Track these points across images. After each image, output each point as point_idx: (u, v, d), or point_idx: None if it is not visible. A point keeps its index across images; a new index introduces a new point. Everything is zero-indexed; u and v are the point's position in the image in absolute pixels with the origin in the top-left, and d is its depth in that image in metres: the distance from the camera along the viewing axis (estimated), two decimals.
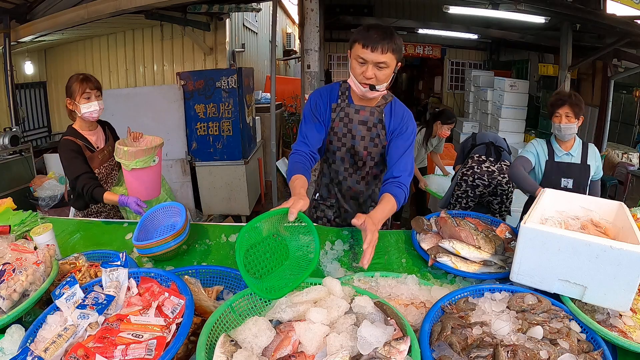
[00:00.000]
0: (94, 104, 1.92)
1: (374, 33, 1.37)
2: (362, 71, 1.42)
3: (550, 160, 2.14)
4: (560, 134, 2.10)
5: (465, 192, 2.94)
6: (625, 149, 5.65)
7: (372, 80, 1.43)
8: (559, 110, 2.07)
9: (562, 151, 2.14)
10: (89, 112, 1.93)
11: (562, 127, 2.06)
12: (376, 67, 1.41)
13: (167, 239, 1.38)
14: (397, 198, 1.44)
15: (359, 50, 1.40)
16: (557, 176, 2.13)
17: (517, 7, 4.61)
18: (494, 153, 2.90)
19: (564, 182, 2.11)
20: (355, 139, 1.64)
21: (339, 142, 1.67)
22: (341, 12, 7.16)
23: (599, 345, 0.93)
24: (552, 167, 2.13)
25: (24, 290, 1.04)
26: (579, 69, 5.94)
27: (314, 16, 3.44)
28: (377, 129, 1.62)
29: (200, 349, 0.80)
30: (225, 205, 4.75)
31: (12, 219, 1.78)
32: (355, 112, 1.61)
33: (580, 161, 2.13)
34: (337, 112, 1.63)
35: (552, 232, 1.06)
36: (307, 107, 1.66)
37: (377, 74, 1.42)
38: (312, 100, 1.64)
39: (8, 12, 4.32)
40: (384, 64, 1.40)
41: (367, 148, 1.65)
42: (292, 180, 1.42)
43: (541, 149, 2.16)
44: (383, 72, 1.42)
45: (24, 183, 4.15)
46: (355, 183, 1.76)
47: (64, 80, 1.98)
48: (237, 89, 4.34)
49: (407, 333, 0.87)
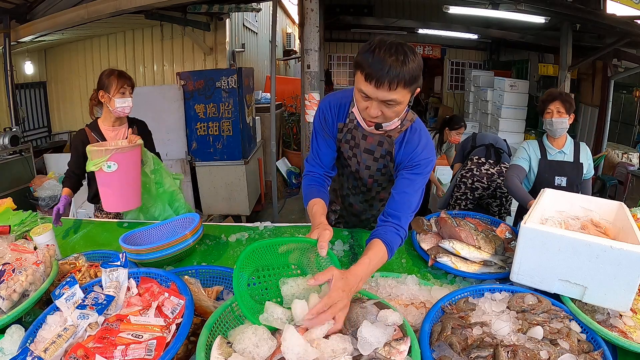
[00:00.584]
0: (128, 99, 1.96)
1: (380, 60, 1.02)
2: (366, 107, 1.13)
3: (543, 159, 2.13)
4: (552, 130, 2.08)
5: (464, 194, 2.94)
6: (625, 149, 5.65)
7: (378, 119, 1.15)
8: (550, 106, 2.06)
9: (554, 149, 2.13)
10: (122, 107, 1.96)
11: (554, 121, 2.05)
12: (383, 104, 1.10)
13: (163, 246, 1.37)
14: (391, 247, 1.14)
15: (360, 83, 1.08)
16: (550, 174, 2.12)
17: (517, 7, 4.61)
18: (494, 155, 2.89)
19: (558, 180, 2.11)
20: (360, 165, 1.43)
21: (344, 162, 1.50)
22: (341, 12, 7.16)
23: (599, 345, 0.93)
24: (545, 166, 2.13)
25: (23, 290, 1.04)
26: (579, 69, 5.93)
27: (314, 16, 3.44)
28: (385, 160, 1.37)
29: (200, 349, 0.80)
30: (225, 205, 4.75)
31: (12, 219, 1.78)
32: (362, 137, 1.36)
33: (573, 159, 2.12)
34: (343, 133, 1.39)
35: (552, 232, 1.06)
36: (317, 119, 1.42)
37: (385, 112, 1.12)
38: (322, 112, 1.39)
39: (8, 12, 4.32)
40: (393, 102, 1.08)
41: (372, 177, 1.46)
42: (311, 206, 1.24)
43: (532, 150, 2.16)
44: (393, 108, 1.11)
45: (24, 183, 4.15)
46: (359, 202, 1.63)
47: (64, 80, 1.99)
48: (237, 89, 4.34)
49: (407, 333, 0.87)
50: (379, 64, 1.02)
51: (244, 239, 1.63)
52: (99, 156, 1.63)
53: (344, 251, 1.50)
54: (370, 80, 1.05)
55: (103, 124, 2.07)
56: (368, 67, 1.04)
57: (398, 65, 1.01)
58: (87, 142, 2.02)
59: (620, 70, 5.60)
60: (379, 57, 1.02)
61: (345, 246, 1.53)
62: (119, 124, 2.08)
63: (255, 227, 1.74)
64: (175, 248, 1.37)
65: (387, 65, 1.01)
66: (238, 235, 1.64)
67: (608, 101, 5.68)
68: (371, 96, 1.08)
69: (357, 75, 1.10)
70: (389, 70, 1.01)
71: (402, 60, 1.02)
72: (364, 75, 1.05)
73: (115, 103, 1.93)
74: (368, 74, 1.04)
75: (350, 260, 1.44)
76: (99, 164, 1.62)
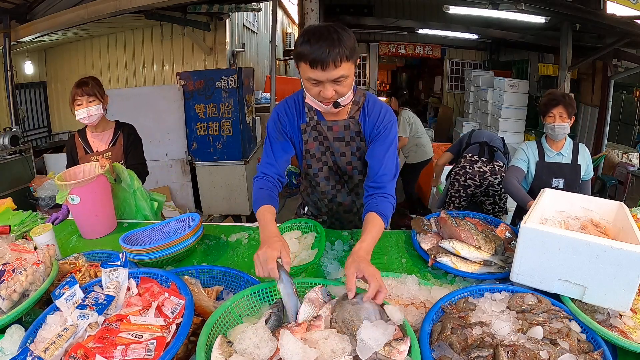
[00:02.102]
0: (83, 110, 1.94)
1: (318, 46, 1.11)
2: (319, 91, 1.20)
3: (541, 161, 2.12)
4: (554, 134, 2.08)
5: (458, 191, 2.96)
6: (625, 149, 5.66)
7: (333, 98, 1.22)
8: (553, 111, 2.06)
9: (552, 151, 2.13)
10: (80, 118, 1.96)
11: (556, 127, 2.05)
12: (334, 83, 1.18)
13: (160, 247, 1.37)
14: (385, 215, 1.23)
15: (307, 71, 1.16)
16: (548, 177, 2.11)
17: (517, 7, 4.61)
18: (487, 153, 2.90)
19: (555, 182, 2.10)
20: (335, 155, 1.48)
21: (318, 163, 1.51)
22: (341, 12, 7.16)
23: (599, 345, 0.93)
24: (543, 168, 2.12)
25: (23, 290, 1.04)
26: (579, 69, 5.94)
27: (314, 16, 3.44)
28: (356, 141, 1.44)
29: (200, 349, 0.80)
30: (225, 205, 4.76)
31: (12, 219, 1.78)
32: (328, 129, 1.42)
33: (571, 161, 2.12)
34: (308, 133, 1.43)
35: (552, 232, 1.06)
36: (270, 123, 1.44)
37: (338, 89, 1.20)
38: (277, 116, 1.42)
39: (8, 12, 4.32)
40: (342, 77, 1.17)
41: (350, 163, 1.50)
42: (262, 213, 1.24)
43: (531, 152, 2.15)
44: (343, 84, 1.19)
45: (24, 183, 4.14)
46: (346, 196, 1.64)
47: (64, 80, 2.01)
48: (237, 89, 4.35)
49: (407, 333, 0.87)
50: (319, 49, 1.11)
51: (244, 239, 1.63)
52: (62, 189, 1.63)
53: (344, 251, 1.50)
54: (315, 66, 1.13)
55: (88, 130, 2.08)
56: (310, 54, 1.12)
57: (335, 44, 1.11)
58: (75, 148, 2.05)
59: (620, 70, 5.60)
60: (316, 43, 1.11)
61: (345, 246, 1.53)
62: (101, 129, 2.08)
63: (255, 227, 1.73)
64: (175, 248, 1.37)
65: (326, 47, 1.10)
66: (238, 235, 1.64)
67: (608, 101, 5.69)
68: (321, 79, 1.16)
69: (301, 66, 1.18)
70: (329, 52, 1.10)
71: (336, 39, 1.12)
72: (309, 63, 1.13)
73: (76, 115, 1.96)
74: (312, 60, 1.12)
75: None
76: (64, 197, 1.63)
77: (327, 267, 1.37)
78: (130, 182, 1.91)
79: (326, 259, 1.43)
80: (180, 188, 4.69)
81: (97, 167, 1.80)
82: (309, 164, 1.52)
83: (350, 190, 1.63)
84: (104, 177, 1.76)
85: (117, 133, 2.10)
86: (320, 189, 1.61)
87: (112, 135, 2.10)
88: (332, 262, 1.40)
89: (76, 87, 1.94)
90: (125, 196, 1.94)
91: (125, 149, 2.09)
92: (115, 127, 2.12)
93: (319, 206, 1.71)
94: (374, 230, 1.18)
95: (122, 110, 3.90)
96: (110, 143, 2.09)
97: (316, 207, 1.73)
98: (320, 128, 1.42)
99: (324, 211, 1.72)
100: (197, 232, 1.46)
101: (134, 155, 2.10)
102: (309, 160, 1.51)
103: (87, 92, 1.94)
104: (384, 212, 1.23)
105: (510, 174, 2.11)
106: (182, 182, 4.66)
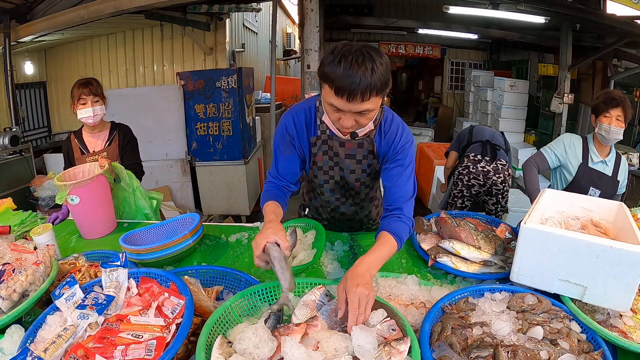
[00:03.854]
0: (88, 110, 1.95)
1: (349, 73, 0.97)
2: (338, 118, 1.10)
3: (584, 165, 1.93)
4: (607, 137, 1.90)
5: (461, 191, 2.94)
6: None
7: (352, 129, 1.13)
8: (611, 111, 1.87)
9: (598, 157, 1.94)
10: (84, 117, 1.98)
11: (612, 130, 1.87)
12: (357, 114, 1.07)
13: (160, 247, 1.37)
14: (398, 235, 1.15)
15: (330, 97, 1.03)
16: (587, 183, 1.94)
17: (517, 7, 4.62)
18: (490, 152, 2.89)
19: (592, 192, 1.93)
20: (345, 172, 1.41)
21: (325, 176, 1.45)
22: (341, 12, 7.17)
23: (599, 345, 0.93)
24: (585, 173, 1.93)
25: (23, 290, 1.04)
26: (579, 69, 5.94)
27: (314, 16, 3.44)
28: (368, 159, 1.36)
29: (200, 349, 0.80)
30: (225, 205, 4.75)
31: (12, 219, 1.78)
32: (340, 145, 1.33)
33: (612, 173, 1.96)
34: (318, 146, 1.35)
35: (552, 232, 1.06)
36: (278, 135, 1.36)
37: (359, 120, 1.09)
38: (285, 128, 1.34)
39: (8, 12, 4.32)
40: (366, 111, 1.06)
41: (359, 180, 1.44)
42: (265, 206, 1.23)
43: (574, 149, 1.95)
44: (367, 116, 1.09)
45: (24, 183, 4.14)
46: (350, 207, 1.60)
47: (64, 80, 2.02)
48: (237, 89, 4.35)
49: (407, 333, 0.87)
50: (349, 78, 0.97)
51: (244, 239, 1.63)
52: (62, 190, 1.63)
53: (344, 251, 1.50)
54: (341, 95, 1.00)
55: (85, 130, 2.09)
56: (337, 81, 0.99)
57: (368, 75, 0.97)
58: (72, 149, 2.07)
59: (620, 70, 5.60)
60: (348, 69, 0.97)
61: (345, 246, 1.53)
62: (98, 130, 2.09)
63: (255, 227, 1.74)
64: (175, 248, 1.37)
65: (357, 77, 0.97)
66: (238, 235, 1.64)
67: None
68: (343, 109, 1.05)
69: (324, 87, 1.05)
70: (360, 82, 0.97)
71: (371, 69, 0.97)
72: (334, 89, 1.01)
73: (78, 114, 1.97)
74: (338, 88, 0.99)
75: (350, 261, 1.44)
76: (63, 197, 1.63)
77: (327, 267, 1.37)
78: (130, 182, 1.92)
79: (326, 259, 1.43)
80: (180, 188, 4.69)
81: (96, 167, 1.81)
82: (316, 175, 1.46)
83: (355, 203, 1.60)
84: (104, 177, 1.76)
85: (112, 133, 2.12)
86: (324, 198, 1.58)
87: (107, 136, 2.11)
88: (332, 262, 1.40)
89: (81, 87, 1.95)
90: (125, 196, 1.94)
91: (121, 149, 2.10)
92: (111, 128, 2.13)
93: (320, 212, 1.69)
94: (384, 248, 1.10)
95: (122, 110, 3.91)
96: (106, 143, 2.10)
97: (317, 212, 1.70)
98: (331, 143, 1.34)
99: (324, 217, 1.69)
100: (197, 232, 1.46)
101: (130, 156, 2.12)
102: (316, 172, 1.45)
103: (92, 92, 1.96)
104: (397, 232, 1.15)
105: (533, 158, 1.97)
106: (182, 182, 4.67)
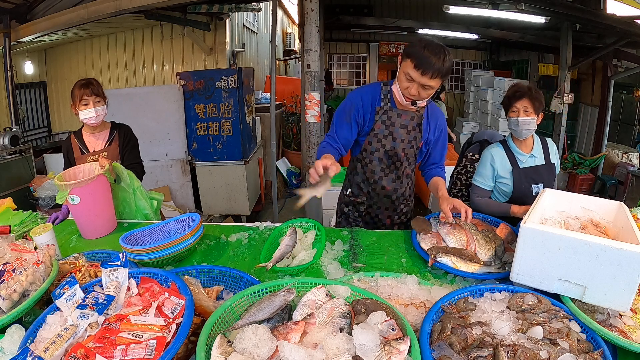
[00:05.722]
0: (90, 110, 1.95)
1: (429, 55, 1.41)
2: (407, 87, 1.51)
3: (516, 169, 1.88)
4: (518, 130, 1.84)
5: (460, 190, 2.95)
6: (625, 149, 5.66)
7: (415, 97, 1.53)
8: (517, 104, 1.83)
9: (524, 155, 1.89)
10: (86, 118, 1.97)
11: (520, 121, 1.81)
12: (421, 87, 1.49)
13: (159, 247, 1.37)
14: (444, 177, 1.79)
15: (409, 68, 1.46)
16: (527, 184, 1.89)
17: (517, 7, 4.61)
18: None
19: (535, 189, 1.89)
20: (396, 141, 1.72)
21: (378, 144, 1.74)
22: (341, 12, 7.15)
23: (599, 345, 0.93)
24: (520, 176, 1.89)
25: (24, 290, 1.04)
26: (579, 69, 5.94)
27: (314, 16, 3.44)
28: (415, 131, 1.72)
29: (200, 349, 0.80)
30: (225, 205, 4.75)
31: (12, 219, 1.78)
32: (397, 115, 1.69)
33: (545, 161, 1.92)
34: (379, 115, 1.70)
35: (552, 232, 1.06)
36: (341, 108, 1.72)
37: (421, 93, 1.51)
38: (352, 101, 1.70)
39: (8, 12, 4.31)
40: (429, 87, 1.48)
41: (404, 150, 1.74)
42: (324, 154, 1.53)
43: (499, 161, 1.91)
44: (427, 92, 1.51)
45: (24, 183, 4.14)
46: (391, 182, 1.82)
47: (64, 80, 2.01)
48: (237, 89, 4.34)
49: (407, 333, 0.87)
50: (428, 58, 1.42)
51: (244, 238, 1.63)
52: (62, 190, 1.63)
53: (344, 251, 1.50)
54: (418, 68, 1.44)
55: (85, 131, 2.09)
56: (419, 58, 1.43)
57: (440, 61, 1.42)
58: (72, 149, 2.06)
59: (620, 70, 5.60)
60: (429, 52, 1.42)
61: (345, 246, 1.53)
62: (99, 130, 2.09)
63: (255, 227, 1.74)
64: (175, 248, 1.37)
65: (433, 60, 1.42)
66: (238, 235, 1.65)
67: (608, 101, 5.68)
68: (415, 79, 1.47)
69: (405, 62, 1.49)
70: (434, 64, 1.42)
71: (442, 59, 1.43)
72: (414, 64, 1.44)
73: (80, 115, 1.97)
74: (417, 64, 1.44)
75: (350, 260, 1.44)
76: (64, 197, 1.63)
77: (327, 267, 1.37)
78: (130, 182, 1.91)
79: (326, 258, 1.43)
80: (180, 188, 4.69)
81: (96, 167, 1.80)
82: (370, 142, 1.75)
83: (396, 178, 1.82)
84: (104, 177, 1.76)
85: (113, 133, 2.12)
86: (370, 168, 1.80)
87: (108, 136, 2.11)
88: (332, 262, 1.40)
89: (82, 87, 1.94)
90: (125, 196, 1.94)
91: (122, 149, 2.10)
92: (112, 128, 2.13)
93: (361, 187, 1.87)
94: (444, 186, 1.71)
95: (122, 110, 3.92)
96: (107, 143, 2.10)
97: (359, 187, 1.88)
98: (390, 114, 1.70)
99: (365, 191, 1.86)
100: (197, 232, 1.46)
101: (131, 155, 2.11)
102: (372, 139, 1.74)
103: (94, 92, 1.96)
104: (443, 176, 1.79)
105: (473, 196, 1.95)
106: (182, 182, 4.66)
